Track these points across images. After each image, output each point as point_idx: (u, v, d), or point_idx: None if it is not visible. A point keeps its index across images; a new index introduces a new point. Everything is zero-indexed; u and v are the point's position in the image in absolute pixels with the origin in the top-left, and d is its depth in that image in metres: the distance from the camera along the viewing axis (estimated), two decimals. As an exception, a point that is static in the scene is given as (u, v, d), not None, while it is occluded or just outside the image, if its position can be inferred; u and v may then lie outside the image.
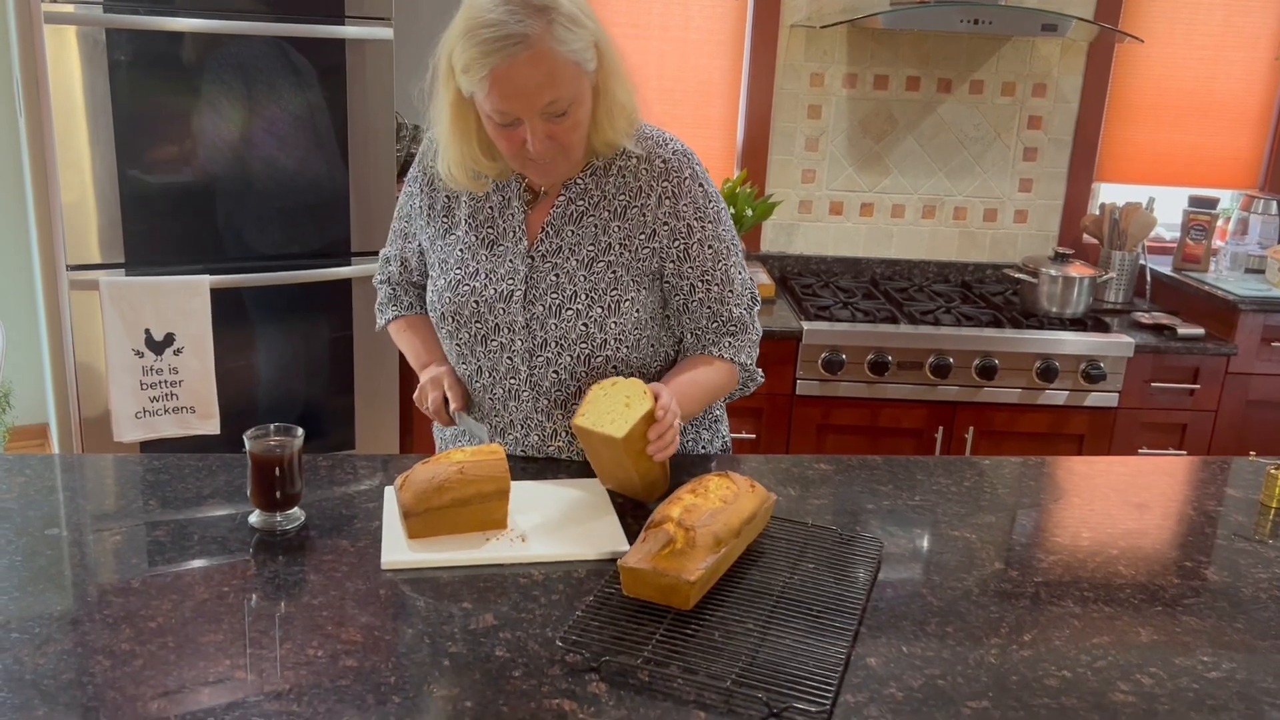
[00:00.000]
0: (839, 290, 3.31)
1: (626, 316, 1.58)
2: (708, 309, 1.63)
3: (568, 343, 1.58)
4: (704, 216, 1.60)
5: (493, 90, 1.40)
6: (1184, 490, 1.68)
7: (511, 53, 1.37)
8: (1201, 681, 1.14)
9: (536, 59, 1.38)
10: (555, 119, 1.44)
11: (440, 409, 1.66)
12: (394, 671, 1.09)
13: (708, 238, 1.61)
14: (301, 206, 2.84)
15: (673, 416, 1.46)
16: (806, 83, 3.38)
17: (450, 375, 1.68)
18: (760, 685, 1.07)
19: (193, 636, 1.13)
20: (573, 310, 1.57)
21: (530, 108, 1.42)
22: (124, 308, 2.63)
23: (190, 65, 2.61)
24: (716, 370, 1.65)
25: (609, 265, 1.57)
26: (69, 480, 1.53)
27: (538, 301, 1.57)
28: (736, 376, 1.68)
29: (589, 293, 1.57)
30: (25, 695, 1.02)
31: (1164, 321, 3.09)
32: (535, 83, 1.40)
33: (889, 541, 1.43)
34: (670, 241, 1.59)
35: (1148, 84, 3.48)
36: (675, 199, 1.58)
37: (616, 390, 1.46)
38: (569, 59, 1.41)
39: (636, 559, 1.20)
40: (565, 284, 1.57)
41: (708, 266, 1.61)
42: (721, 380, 1.66)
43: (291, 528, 1.39)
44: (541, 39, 1.38)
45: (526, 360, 1.60)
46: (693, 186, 1.60)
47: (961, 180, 3.49)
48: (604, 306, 1.57)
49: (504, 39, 1.37)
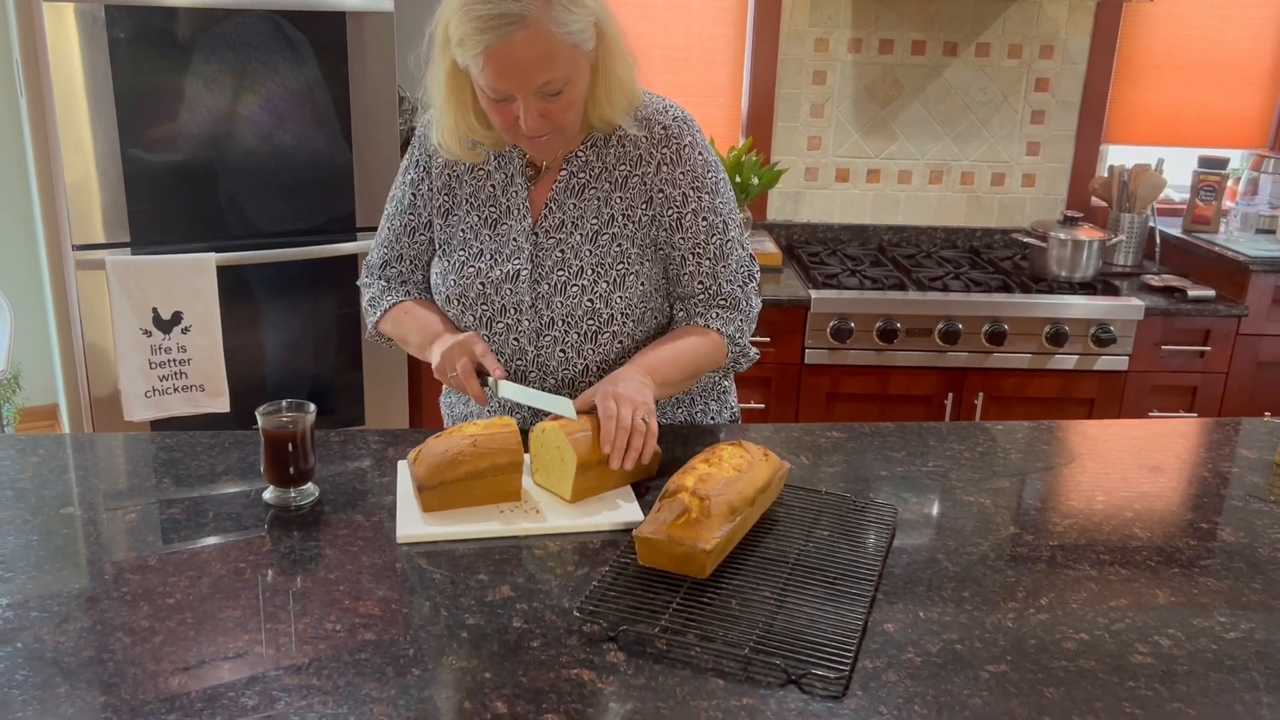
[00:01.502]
0: (846, 258, 3.29)
1: (632, 290, 1.57)
2: (699, 283, 1.60)
3: (574, 320, 1.56)
4: (701, 186, 1.57)
5: (487, 66, 1.38)
6: (1197, 452, 1.68)
7: (507, 32, 1.35)
8: (1220, 642, 1.14)
9: (532, 39, 1.36)
10: (550, 98, 1.42)
11: (472, 376, 1.47)
12: (412, 644, 1.09)
13: (703, 209, 1.57)
14: (305, 182, 2.83)
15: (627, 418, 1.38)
16: (811, 48, 3.35)
17: (480, 341, 1.51)
18: (778, 652, 1.07)
19: (211, 612, 1.13)
20: (578, 286, 1.55)
21: (524, 87, 1.40)
22: (131, 287, 2.63)
23: (191, 42, 2.60)
24: (702, 339, 1.59)
25: (613, 238, 1.56)
26: (82, 459, 1.53)
27: (544, 280, 1.56)
28: (724, 349, 1.62)
29: (595, 267, 1.55)
30: (47, 673, 1.03)
31: (1174, 284, 3.08)
32: (530, 63, 1.37)
33: (903, 508, 1.43)
34: (664, 209, 1.56)
35: (1156, 43, 3.44)
36: (674, 165, 1.55)
37: (547, 438, 1.41)
38: (566, 39, 1.38)
39: (652, 528, 1.20)
40: (571, 259, 1.55)
41: (700, 240, 1.58)
42: (706, 350, 1.59)
43: (306, 503, 1.39)
44: (538, 19, 1.35)
45: (534, 340, 1.59)
46: (692, 154, 1.57)
47: (969, 144, 3.46)
48: (609, 281, 1.55)
49: (500, 17, 1.35)
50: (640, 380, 1.48)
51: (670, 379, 1.55)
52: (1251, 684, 1.07)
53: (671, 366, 1.55)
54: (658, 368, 1.53)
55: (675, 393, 1.62)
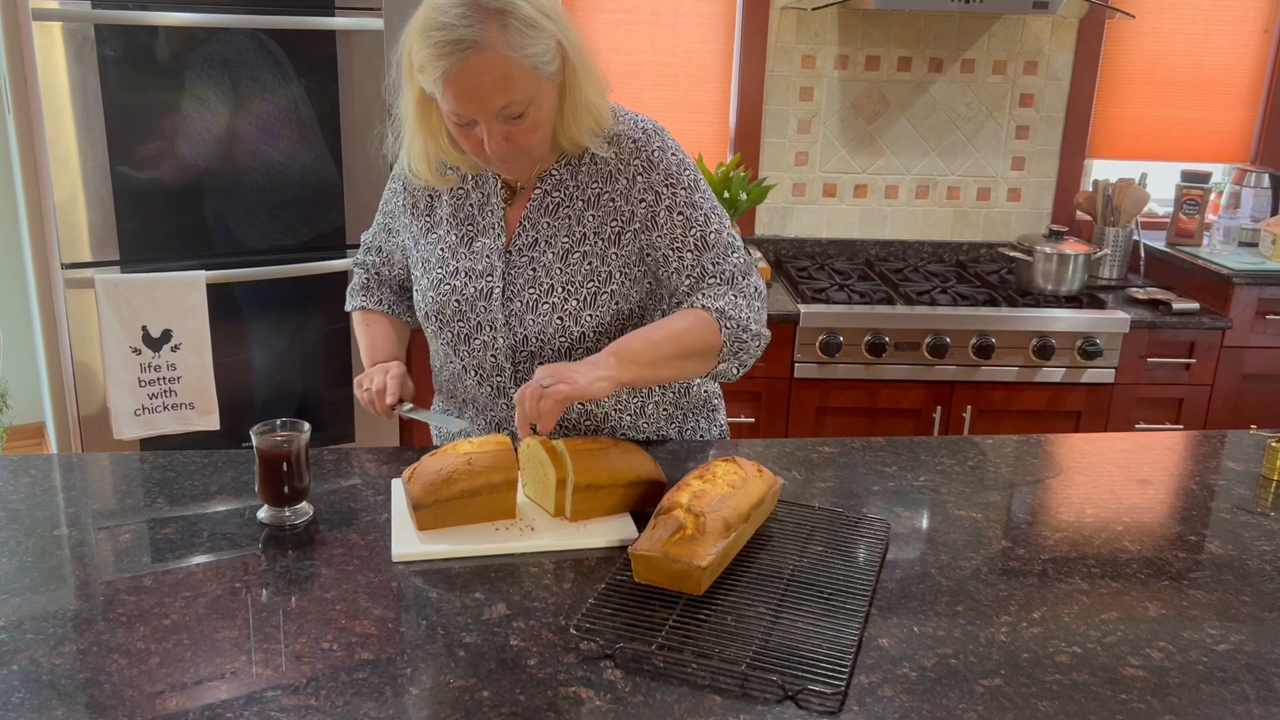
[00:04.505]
0: (834, 272, 3.31)
1: (604, 309, 1.56)
2: (686, 276, 1.55)
3: (546, 336, 1.56)
4: (675, 184, 1.55)
5: (446, 92, 1.39)
6: (1185, 465, 1.69)
7: (462, 57, 1.36)
8: (1211, 655, 1.16)
9: (488, 64, 1.36)
10: (512, 121, 1.42)
11: (378, 397, 1.56)
12: (409, 663, 1.09)
13: (678, 204, 1.54)
14: (295, 200, 2.83)
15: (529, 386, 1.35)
16: (798, 65, 3.37)
17: (399, 368, 1.62)
18: (775, 668, 1.08)
19: (207, 633, 1.13)
20: (549, 304, 1.55)
21: (484, 111, 1.40)
22: (120, 305, 2.62)
23: (180, 60, 2.60)
24: (685, 315, 1.50)
25: (584, 256, 1.56)
26: (75, 480, 1.53)
27: (515, 298, 1.56)
28: (715, 324, 1.50)
29: (565, 285, 1.55)
30: (43, 696, 1.02)
31: (1159, 297, 3.11)
32: (487, 87, 1.38)
33: (896, 522, 1.44)
34: (643, 215, 1.55)
35: (1139, 60, 3.48)
36: (647, 172, 1.54)
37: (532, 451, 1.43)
38: (524, 63, 1.39)
39: (647, 545, 1.21)
40: (542, 277, 1.55)
41: (678, 234, 1.54)
42: (691, 325, 1.49)
43: (300, 522, 1.39)
44: (493, 43, 1.36)
45: (510, 357, 1.59)
46: (663, 156, 1.55)
47: (954, 160, 3.49)
48: (579, 299, 1.55)
49: (455, 43, 1.35)
50: (594, 360, 1.42)
51: (646, 357, 1.45)
52: (1243, 696, 1.08)
53: (646, 343, 1.46)
54: (629, 345, 1.46)
55: (667, 375, 1.50)
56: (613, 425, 1.66)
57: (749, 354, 1.56)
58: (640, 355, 1.45)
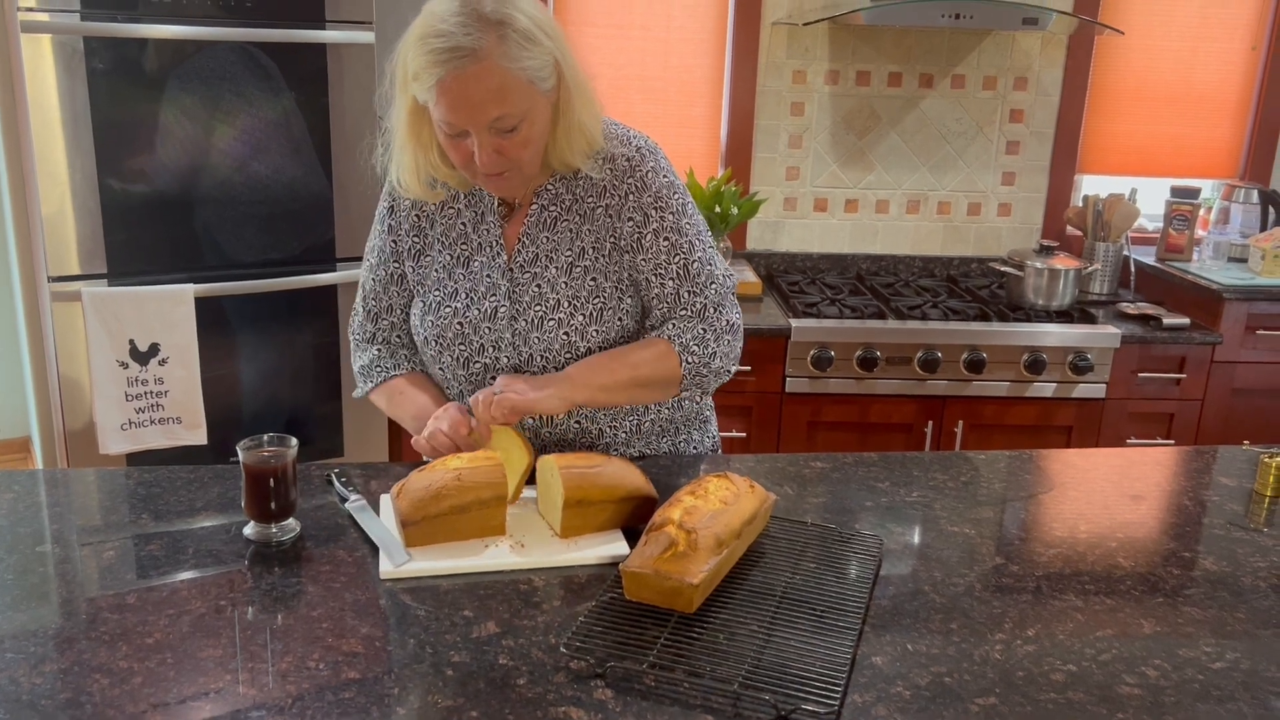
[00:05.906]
0: (826, 287, 3.31)
1: (609, 325, 1.56)
2: (665, 304, 1.58)
3: (551, 354, 1.55)
4: (663, 207, 1.55)
5: (440, 100, 1.39)
6: (1178, 480, 1.69)
7: (458, 65, 1.36)
8: (1206, 672, 1.15)
9: (484, 74, 1.36)
10: (505, 134, 1.42)
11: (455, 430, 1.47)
12: (397, 683, 1.07)
13: (665, 228, 1.55)
14: (285, 213, 2.81)
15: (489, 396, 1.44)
16: (789, 80, 3.38)
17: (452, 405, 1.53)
18: (767, 687, 1.06)
19: (191, 652, 1.12)
20: (555, 320, 1.54)
21: (476, 121, 1.40)
22: (108, 319, 2.60)
23: (170, 72, 2.59)
24: (645, 345, 1.55)
25: (586, 270, 1.55)
26: (59, 495, 1.51)
27: (521, 316, 1.55)
28: (675, 356, 1.54)
29: (571, 300, 1.54)
30: (23, 717, 1.00)
31: (1149, 312, 3.11)
32: (481, 97, 1.38)
33: (889, 538, 1.43)
34: (630, 235, 1.55)
35: (1128, 76, 3.50)
36: (639, 192, 1.55)
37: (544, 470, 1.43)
38: (520, 75, 1.39)
39: (638, 563, 1.19)
40: (548, 292, 1.55)
41: (662, 260, 1.55)
42: (648, 355, 1.54)
43: (287, 538, 1.37)
44: (490, 54, 1.36)
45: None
46: (655, 178, 1.56)
47: (945, 175, 3.50)
48: (585, 315, 1.55)
49: (452, 50, 1.35)
50: (551, 377, 1.50)
51: (599, 381, 1.51)
52: (1239, 714, 1.07)
53: (603, 368, 1.52)
54: (588, 367, 1.53)
55: (622, 400, 1.56)
56: (608, 441, 1.64)
57: (709, 386, 1.62)
58: (593, 379, 1.51)
